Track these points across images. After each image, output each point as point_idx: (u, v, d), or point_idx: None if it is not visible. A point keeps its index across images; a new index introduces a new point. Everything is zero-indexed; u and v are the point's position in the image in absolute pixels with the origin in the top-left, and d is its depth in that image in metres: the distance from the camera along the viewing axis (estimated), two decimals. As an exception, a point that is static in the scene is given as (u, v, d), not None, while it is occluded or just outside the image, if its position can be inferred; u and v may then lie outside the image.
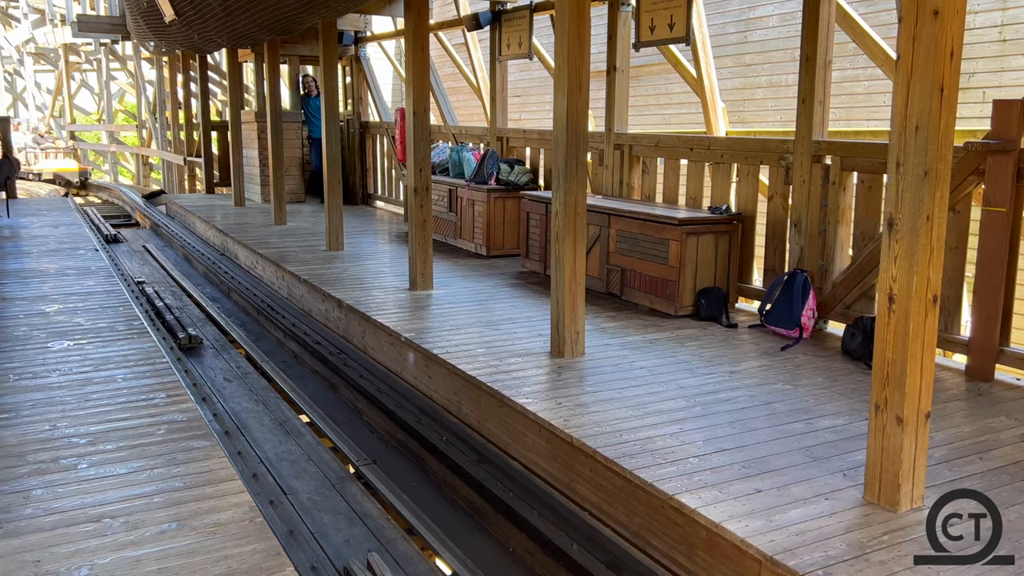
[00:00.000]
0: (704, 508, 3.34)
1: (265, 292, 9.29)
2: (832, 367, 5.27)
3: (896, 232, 3.23)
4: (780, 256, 6.52)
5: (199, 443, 3.91)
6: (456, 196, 9.60)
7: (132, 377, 4.86)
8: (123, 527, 3.13)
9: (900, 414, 3.26)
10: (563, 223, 5.32)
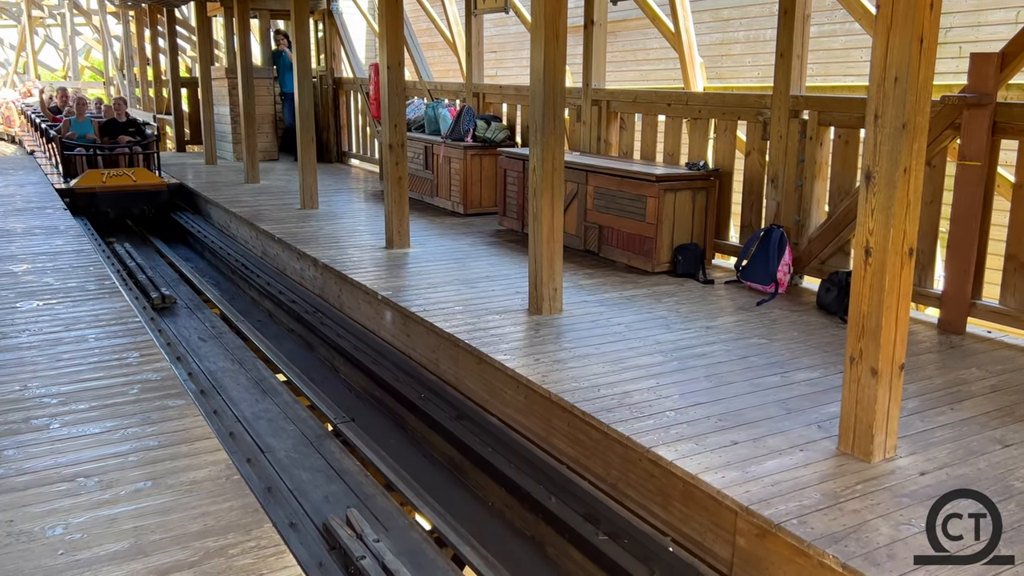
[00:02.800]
0: (680, 460, 3.37)
1: (239, 251, 9.18)
2: (807, 321, 5.31)
3: (873, 185, 3.23)
4: (757, 212, 6.52)
5: (174, 402, 3.87)
6: (432, 153, 9.49)
7: (104, 337, 4.78)
8: (97, 486, 3.09)
9: (875, 366, 3.28)
10: (540, 179, 5.27)
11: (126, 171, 11.07)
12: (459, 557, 4.00)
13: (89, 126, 12.02)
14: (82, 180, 10.80)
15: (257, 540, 2.76)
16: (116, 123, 12.19)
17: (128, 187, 10.85)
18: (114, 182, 10.79)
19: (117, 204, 10.91)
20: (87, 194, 10.65)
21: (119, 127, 12.16)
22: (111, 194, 10.76)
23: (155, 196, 11.08)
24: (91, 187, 10.67)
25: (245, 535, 2.78)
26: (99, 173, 10.93)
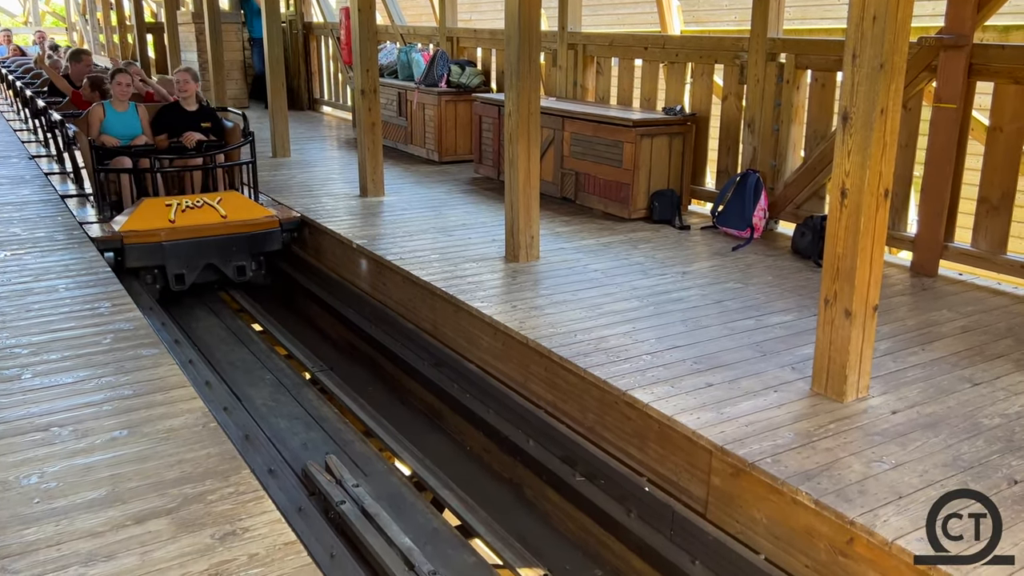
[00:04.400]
0: (656, 402, 3.40)
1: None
2: (782, 266, 5.34)
3: (850, 126, 3.22)
4: (733, 157, 6.50)
5: (147, 351, 3.83)
6: (406, 100, 9.33)
7: (75, 287, 4.70)
8: (72, 435, 3.07)
9: (849, 307, 3.31)
10: (516, 124, 5.20)
11: (207, 199, 6.37)
12: (438, 501, 4.04)
13: (135, 118, 6.83)
14: (136, 219, 6.03)
15: (236, 486, 2.76)
16: (179, 112, 6.90)
17: (216, 228, 6.18)
18: (191, 220, 6.12)
19: (198, 260, 6.16)
20: (147, 246, 5.94)
21: (184, 119, 6.85)
22: (188, 244, 6.08)
23: (262, 241, 6.37)
24: (153, 232, 5.96)
25: (223, 481, 2.78)
26: (162, 205, 6.19)
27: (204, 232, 6.12)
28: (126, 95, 6.78)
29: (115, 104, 6.75)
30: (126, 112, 6.78)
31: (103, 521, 2.56)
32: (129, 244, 5.85)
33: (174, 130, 6.78)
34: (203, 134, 6.81)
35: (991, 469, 2.88)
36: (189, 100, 6.88)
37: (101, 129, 6.67)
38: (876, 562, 2.57)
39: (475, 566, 3.47)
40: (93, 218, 6.41)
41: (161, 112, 6.90)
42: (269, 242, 6.42)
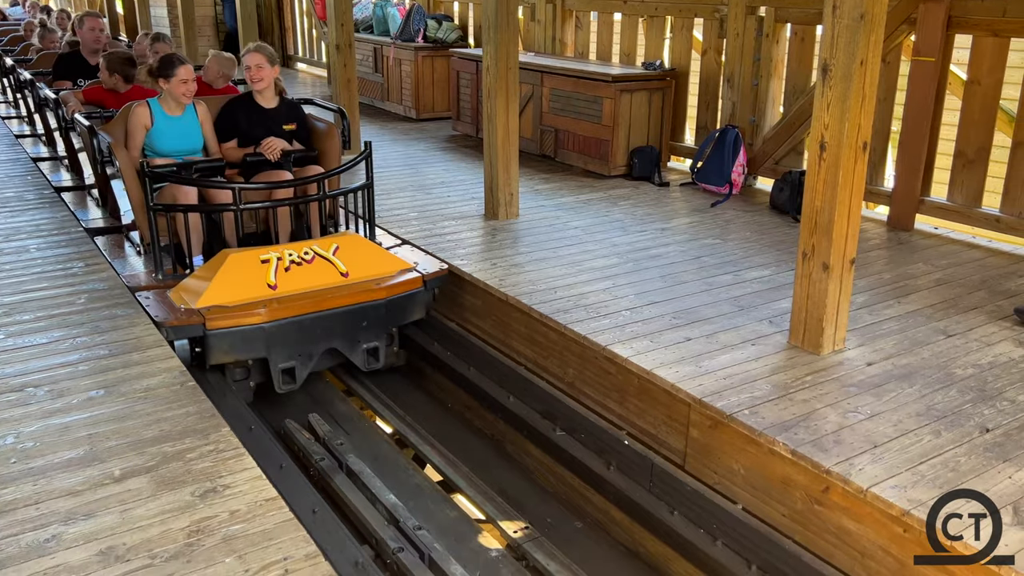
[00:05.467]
0: (636, 357, 3.42)
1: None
2: (760, 221, 5.36)
3: (830, 78, 3.20)
4: (712, 113, 6.47)
5: (123, 311, 3.78)
6: (381, 55, 9.18)
7: (46, 247, 4.62)
8: (48, 395, 3.04)
9: (826, 260, 3.33)
10: (495, 79, 5.14)
11: (319, 248, 4.22)
12: (420, 457, 4.06)
13: (194, 125, 4.64)
14: (221, 287, 3.92)
15: (215, 444, 2.75)
16: (252, 109, 4.73)
17: (338, 296, 4.10)
18: (300, 283, 4.08)
19: (314, 345, 4.13)
20: (242, 332, 3.89)
21: (261, 121, 4.71)
22: (300, 323, 4.02)
23: (401, 309, 4.33)
24: (248, 309, 3.89)
25: (203, 439, 2.77)
26: (255, 261, 4.06)
27: (321, 302, 4.00)
28: (189, 96, 4.51)
29: (167, 104, 4.52)
30: (182, 116, 4.56)
31: (82, 480, 2.54)
32: (215, 330, 3.75)
33: (247, 136, 4.65)
34: (287, 140, 4.67)
35: (963, 418, 2.94)
36: (266, 93, 4.68)
37: (147, 142, 4.49)
38: (851, 509, 2.62)
39: (457, 521, 3.50)
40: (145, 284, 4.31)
41: (227, 110, 4.72)
42: (411, 309, 4.32)
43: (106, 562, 2.19)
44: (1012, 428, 2.87)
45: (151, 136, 4.49)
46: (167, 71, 4.44)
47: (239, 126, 4.69)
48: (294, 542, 2.28)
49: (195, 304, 3.80)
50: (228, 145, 4.72)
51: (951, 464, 2.66)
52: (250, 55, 4.63)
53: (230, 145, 4.72)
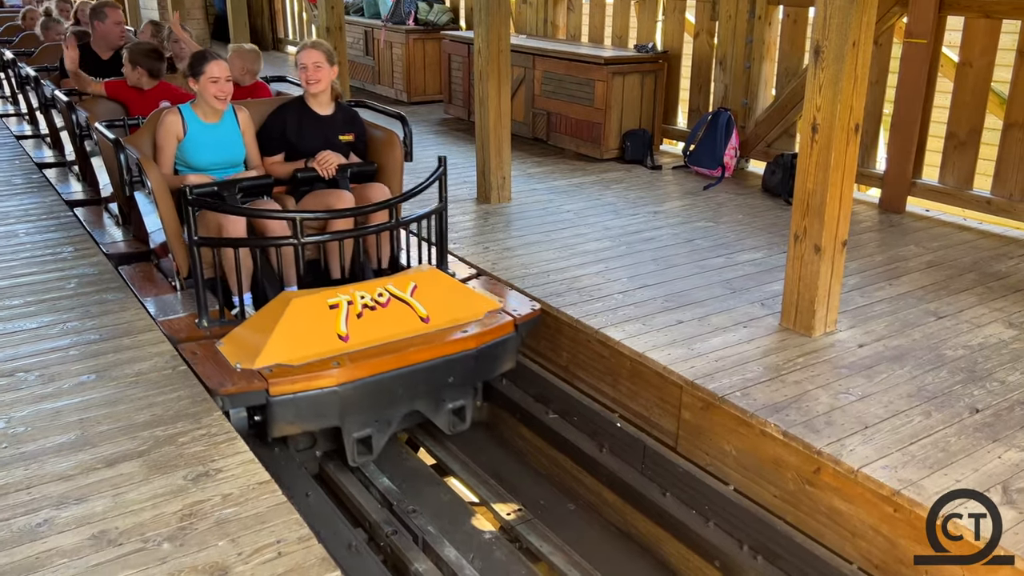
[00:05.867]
0: (628, 340, 3.42)
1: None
2: (752, 204, 5.36)
3: (822, 60, 3.19)
4: (705, 95, 6.45)
5: (113, 295, 3.76)
6: (372, 38, 9.12)
7: (35, 232, 4.59)
8: (38, 380, 3.02)
9: (818, 242, 3.33)
10: (486, 61, 5.11)
11: (393, 287, 3.46)
12: (413, 441, 4.06)
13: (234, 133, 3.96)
14: (284, 342, 3.15)
15: (207, 428, 2.74)
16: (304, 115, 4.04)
17: (419, 347, 3.32)
18: (375, 333, 3.32)
19: (394, 408, 3.40)
20: (312, 397, 3.11)
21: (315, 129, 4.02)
22: (378, 384, 3.24)
23: (491, 359, 3.57)
24: (318, 369, 3.11)
25: (195, 424, 2.76)
26: (322, 306, 3.27)
27: (403, 357, 3.26)
28: (222, 98, 3.80)
29: (201, 110, 3.84)
30: (219, 123, 3.88)
31: (73, 464, 2.54)
32: (280, 397, 3.03)
33: (297, 149, 3.98)
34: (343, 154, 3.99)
35: (954, 399, 2.95)
36: (322, 97, 3.99)
37: (179, 154, 3.85)
38: (842, 490, 2.63)
39: (451, 504, 3.51)
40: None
41: (276, 117, 4.03)
42: (502, 358, 3.60)
43: (99, 546, 2.19)
44: (1002, 408, 2.89)
45: (184, 148, 3.82)
46: (194, 68, 3.77)
47: (288, 136, 3.99)
48: (287, 525, 2.28)
49: (254, 363, 3.06)
50: (273, 159, 4.01)
51: (941, 444, 2.68)
52: (306, 52, 3.91)
53: (275, 159, 4.01)
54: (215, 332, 3.36)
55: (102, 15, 5.43)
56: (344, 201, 3.77)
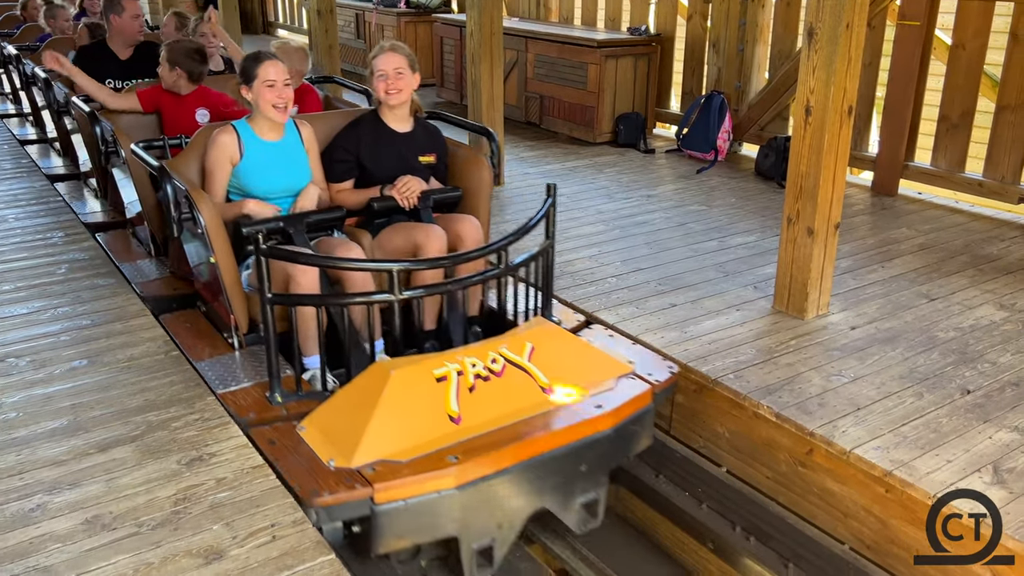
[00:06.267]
0: (622, 323, 3.42)
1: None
2: (745, 187, 5.36)
3: (816, 42, 3.18)
4: (698, 78, 6.43)
5: (104, 280, 3.74)
6: (364, 21, 9.06)
7: (25, 217, 4.55)
8: (30, 366, 3.01)
9: (811, 225, 3.33)
10: (479, 44, 5.08)
11: (507, 349, 2.75)
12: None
13: (298, 151, 3.30)
14: (387, 432, 2.47)
15: (201, 413, 2.74)
16: (379, 133, 3.38)
17: (545, 434, 2.59)
18: (492, 411, 2.61)
19: (520, 510, 2.64)
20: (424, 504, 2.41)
21: (391, 148, 3.38)
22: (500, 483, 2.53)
23: (627, 438, 2.82)
24: (433, 469, 2.41)
25: (188, 408, 2.76)
26: (427, 379, 2.59)
27: (530, 443, 2.58)
28: (282, 107, 3.15)
29: (259, 125, 3.21)
30: (281, 141, 3.25)
31: (66, 450, 2.53)
32: (388, 505, 2.39)
33: (372, 173, 3.35)
34: (423, 178, 3.37)
35: (945, 380, 2.97)
36: (400, 111, 3.37)
37: (234, 180, 3.20)
38: (834, 471, 2.64)
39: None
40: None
41: (346, 136, 3.38)
42: (639, 435, 2.90)
43: (92, 531, 2.18)
44: (993, 389, 2.91)
45: (241, 172, 3.16)
46: (246, 72, 3.13)
47: (362, 159, 3.33)
48: (281, 508, 2.28)
49: (351, 459, 2.40)
50: (342, 187, 3.37)
51: (933, 425, 2.69)
52: (385, 56, 3.27)
53: (344, 187, 3.37)
54: (292, 409, 2.70)
55: (118, 8, 4.64)
56: (435, 239, 3.14)
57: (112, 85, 4.46)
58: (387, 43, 3.40)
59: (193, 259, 3.38)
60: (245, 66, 3.16)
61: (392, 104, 3.31)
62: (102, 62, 4.62)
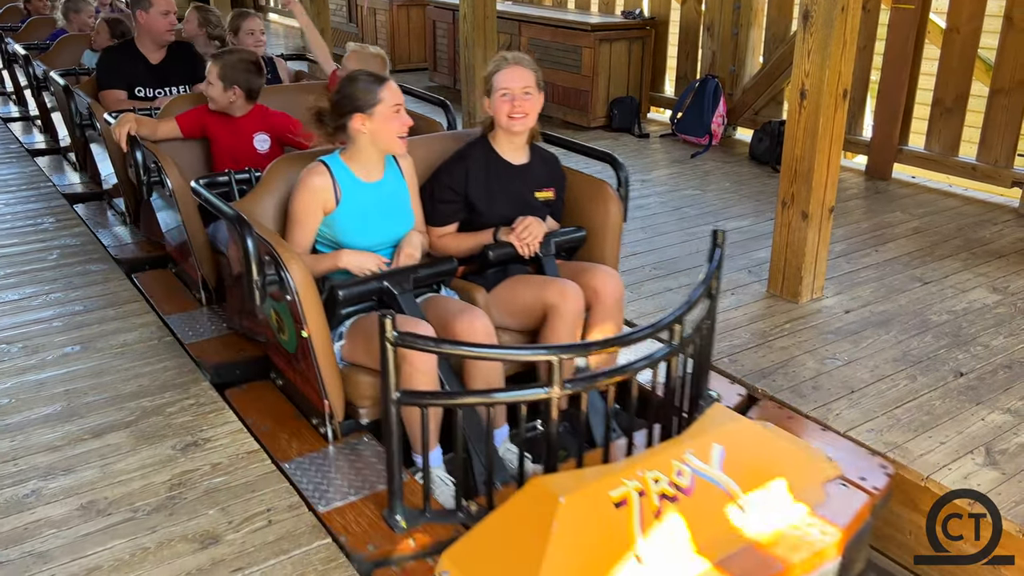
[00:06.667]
0: (617, 307, 3.41)
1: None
2: (740, 172, 5.35)
3: (811, 25, 3.17)
4: (692, 62, 6.41)
5: (96, 266, 3.71)
6: (356, 4, 8.99)
7: (15, 202, 4.52)
8: (22, 352, 2.99)
9: (806, 209, 3.33)
10: (472, 28, 5.05)
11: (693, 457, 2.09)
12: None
13: (402, 197, 2.66)
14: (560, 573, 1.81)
15: (195, 398, 2.73)
16: (502, 169, 2.74)
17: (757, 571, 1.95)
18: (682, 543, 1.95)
19: None
20: None
21: (508, 184, 2.73)
22: None
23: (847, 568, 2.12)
24: None
25: (182, 394, 2.75)
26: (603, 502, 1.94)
27: None
28: (404, 140, 2.55)
29: (357, 162, 2.57)
30: (383, 181, 2.63)
31: (60, 436, 2.52)
32: None
33: (482, 214, 2.73)
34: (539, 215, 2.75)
35: (938, 363, 2.98)
36: (518, 140, 2.77)
37: (327, 231, 2.56)
38: (827, 453, 2.65)
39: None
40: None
41: (454, 170, 2.74)
42: (856, 562, 2.24)
43: (87, 516, 2.18)
44: (985, 372, 2.92)
45: (336, 222, 2.52)
46: (360, 98, 2.45)
47: (471, 197, 2.70)
48: (277, 493, 2.28)
49: None
50: (445, 231, 2.73)
51: (926, 408, 2.70)
52: (511, 71, 2.65)
53: (448, 230, 2.73)
54: (419, 539, 2.11)
55: (145, 3, 3.92)
56: (572, 299, 2.53)
57: (142, 93, 4.00)
58: (509, 55, 2.72)
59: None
60: (357, 91, 2.45)
61: (515, 131, 2.69)
62: (130, 66, 4.00)
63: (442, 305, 2.52)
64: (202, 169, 3.40)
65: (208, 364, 2.90)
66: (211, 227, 3.18)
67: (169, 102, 3.52)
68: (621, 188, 2.95)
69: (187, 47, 4.16)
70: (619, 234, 2.87)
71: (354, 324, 2.48)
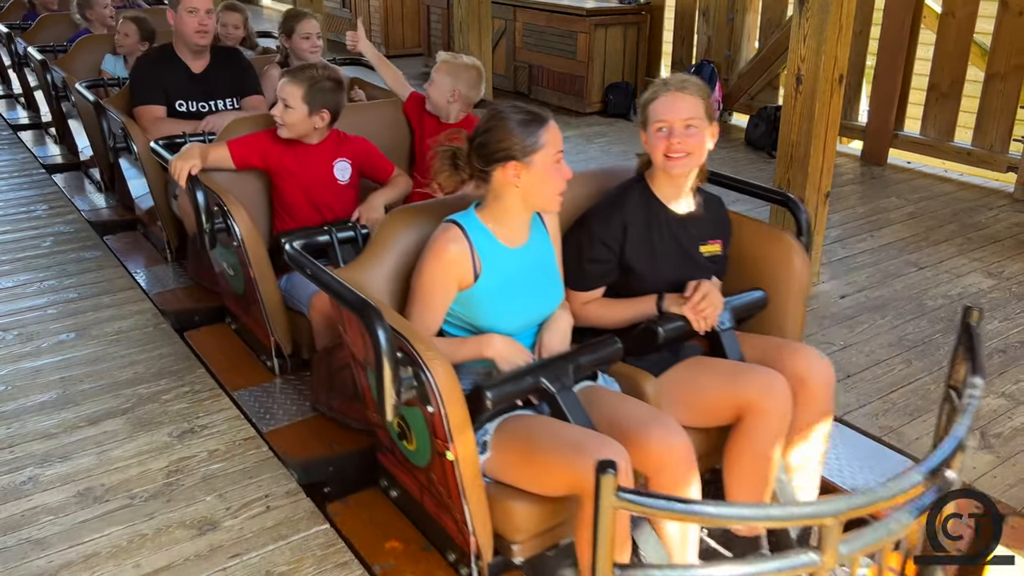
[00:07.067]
0: (613, 293, 3.41)
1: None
2: (735, 157, 5.34)
3: (807, 9, 3.15)
4: (688, 47, 6.39)
5: (90, 253, 3.70)
6: (349, -10, 8.93)
7: (7, 189, 4.49)
8: (16, 339, 2.98)
9: (801, 194, 3.33)
10: (466, 12, 5.01)
11: None
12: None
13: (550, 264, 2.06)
14: None
15: (191, 385, 2.73)
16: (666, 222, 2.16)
17: None
18: None
19: None
20: None
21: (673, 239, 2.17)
22: None
23: None
24: None
25: (178, 381, 2.75)
26: None
27: None
28: (558, 192, 1.95)
29: (498, 222, 1.97)
30: (527, 245, 2.03)
31: (57, 423, 2.52)
32: None
33: (642, 277, 2.15)
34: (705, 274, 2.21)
35: (933, 347, 2.99)
36: (682, 183, 2.18)
37: (461, 310, 1.97)
38: (823, 438, 2.66)
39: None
40: None
41: (609, 222, 2.16)
42: None
43: (84, 503, 2.18)
44: (980, 357, 2.93)
45: (471, 298, 1.96)
46: (524, 140, 1.92)
47: (629, 258, 2.15)
48: (274, 479, 2.28)
49: None
50: (592, 295, 2.17)
51: (921, 392, 2.72)
52: (670, 99, 2.10)
53: (595, 295, 2.17)
54: None
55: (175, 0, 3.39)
56: (779, 397, 1.97)
57: (184, 108, 3.45)
58: (672, 78, 2.15)
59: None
60: (511, 133, 1.92)
61: (675, 173, 2.13)
62: (170, 76, 3.45)
63: (609, 404, 1.90)
64: (260, 205, 2.78)
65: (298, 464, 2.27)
66: (283, 280, 2.70)
67: (231, 122, 2.89)
68: (803, 237, 2.33)
69: (234, 53, 3.67)
70: (805, 298, 2.28)
71: (500, 429, 1.86)
